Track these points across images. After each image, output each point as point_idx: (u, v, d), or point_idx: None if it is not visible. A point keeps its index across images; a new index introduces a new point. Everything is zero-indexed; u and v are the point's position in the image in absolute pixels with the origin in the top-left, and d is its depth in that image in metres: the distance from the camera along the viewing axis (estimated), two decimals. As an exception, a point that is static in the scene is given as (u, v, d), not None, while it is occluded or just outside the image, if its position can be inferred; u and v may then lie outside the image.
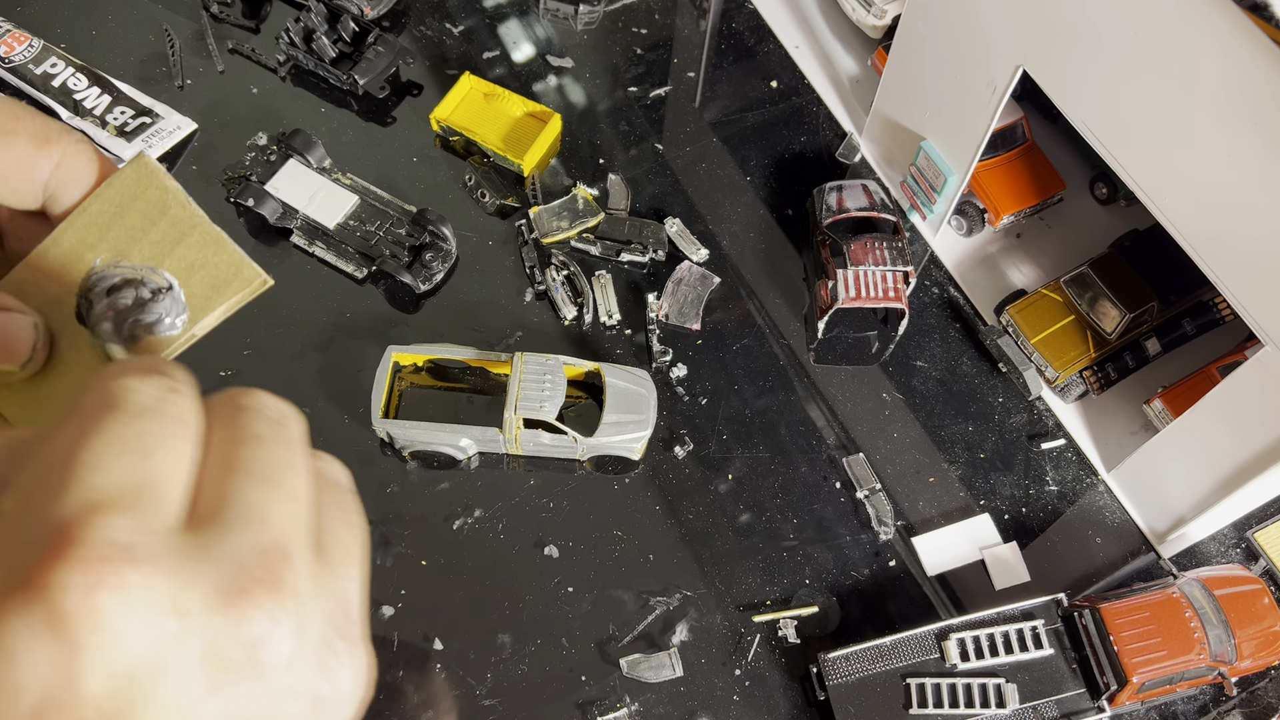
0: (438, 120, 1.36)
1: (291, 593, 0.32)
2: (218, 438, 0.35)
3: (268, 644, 0.31)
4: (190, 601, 0.30)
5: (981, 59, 1.09)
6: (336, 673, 0.34)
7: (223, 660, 0.30)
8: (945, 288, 1.31)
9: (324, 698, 0.33)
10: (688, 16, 1.53)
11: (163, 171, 0.43)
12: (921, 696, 1.01)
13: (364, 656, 0.36)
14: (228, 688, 0.31)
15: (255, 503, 0.33)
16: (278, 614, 0.31)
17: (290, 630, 0.32)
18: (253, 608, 0.31)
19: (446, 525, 1.13)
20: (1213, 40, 0.83)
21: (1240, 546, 1.16)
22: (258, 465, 0.34)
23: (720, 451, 1.19)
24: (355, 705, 0.35)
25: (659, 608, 1.10)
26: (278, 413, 0.37)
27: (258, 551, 0.32)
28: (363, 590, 0.37)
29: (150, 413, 0.33)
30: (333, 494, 0.38)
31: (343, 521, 0.37)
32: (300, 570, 0.33)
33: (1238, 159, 0.86)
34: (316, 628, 0.33)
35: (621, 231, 1.30)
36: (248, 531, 0.32)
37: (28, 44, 1.35)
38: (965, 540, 1.15)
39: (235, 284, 0.42)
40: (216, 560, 0.31)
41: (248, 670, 0.31)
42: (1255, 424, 0.96)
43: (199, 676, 0.30)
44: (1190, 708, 1.07)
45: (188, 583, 0.30)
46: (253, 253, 1.28)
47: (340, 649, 0.34)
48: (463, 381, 1.21)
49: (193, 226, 0.43)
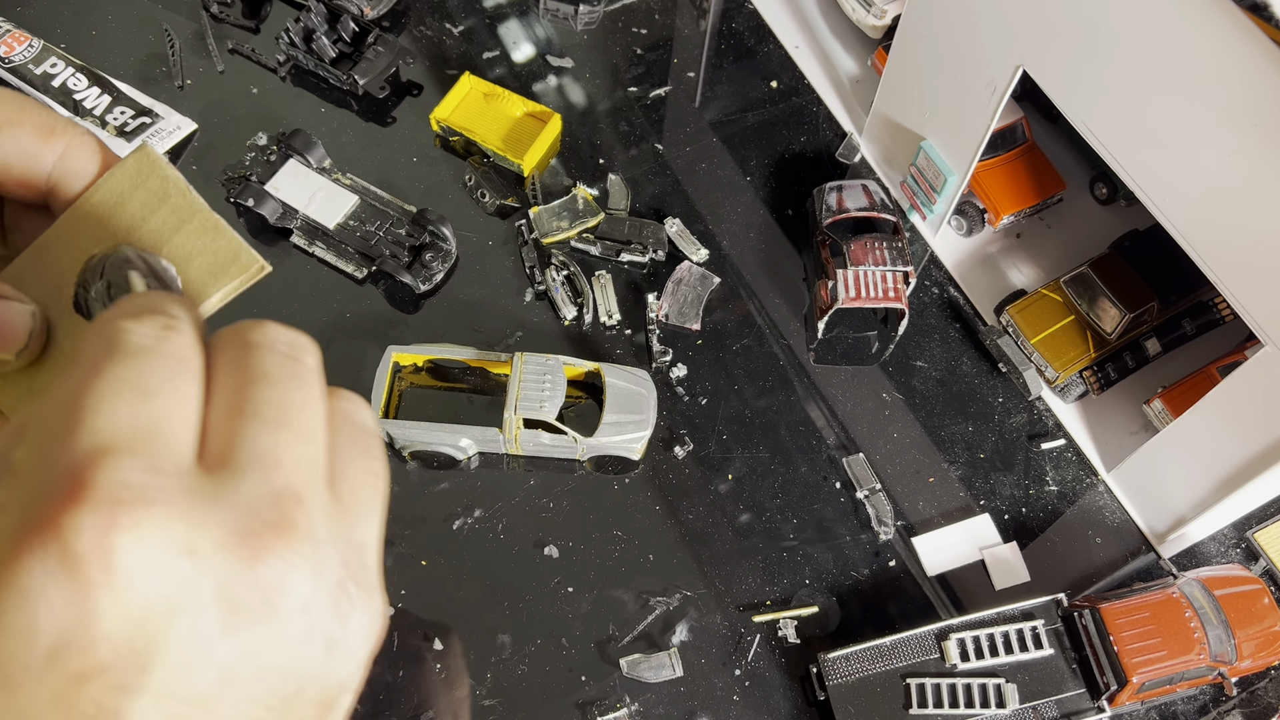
0: (438, 120, 1.36)
1: (305, 536, 0.32)
2: (225, 377, 0.34)
3: (282, 587, 0.31)
4: (203, 543, 0.30)
5: (981, 59, 1.09)
6: (350, 617, 0.34)
7: (236, 602, 0.31)
8: (945, 288, 1.31)
9: (337, 641, 0.34)
10: (688, 16, 1.53)
11: (164, 161, 0.44)
12: (921, 696, 1.01)
13: (378, 601, 0.35)
14: (242, 630, 0.31)
15: (267, 445, 0.33)
16: (291, 558, 0.31)
17: (304, 574, 0.32)
18: (266, 551, 0.31)
19: (446, 525, 1.13)
20: (1213, 40, 0.83)
21: (1240, 546, 1.16)
22: (268, 406, 0.34)
23: (720, 451, 1.19)
24: (367, 650, 0.35)
25: (659, 608, 1.10)
26: (290, 345, 0.36)
27: (271, 495, 0.32)
28: (379, 535, 0.37)
29: (149, 352, 0.33)
30: (352, 434, 0.37)
31: (361, 465, 0.37)
32: (314, 514, 0.33)
33: (1238, 159, 0.86)
34: (331, 571, 0.33)
35: (621, 231, 1.30)
36: (260, 475, 0.32)
37: (28, 44, 1.35)
38: (965, 540, 1.15)
39: (233, 270, 0.42)
40: (229, 503, 0.31)
41: (262, 613, 0.31)
42: (1255, 424, 0.96)
43: (213, 618, 0.30)
44: (1190, 708, 1.07)
45: (200, 524, 0.30)
46: (253, 253, 1.28)
47: (354, 594, 0.34)
48: (463, 381, 1.21)
49: (192, 214, 0.43)
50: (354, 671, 0.35)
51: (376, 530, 0.36)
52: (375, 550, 0.36)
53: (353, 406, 0.38)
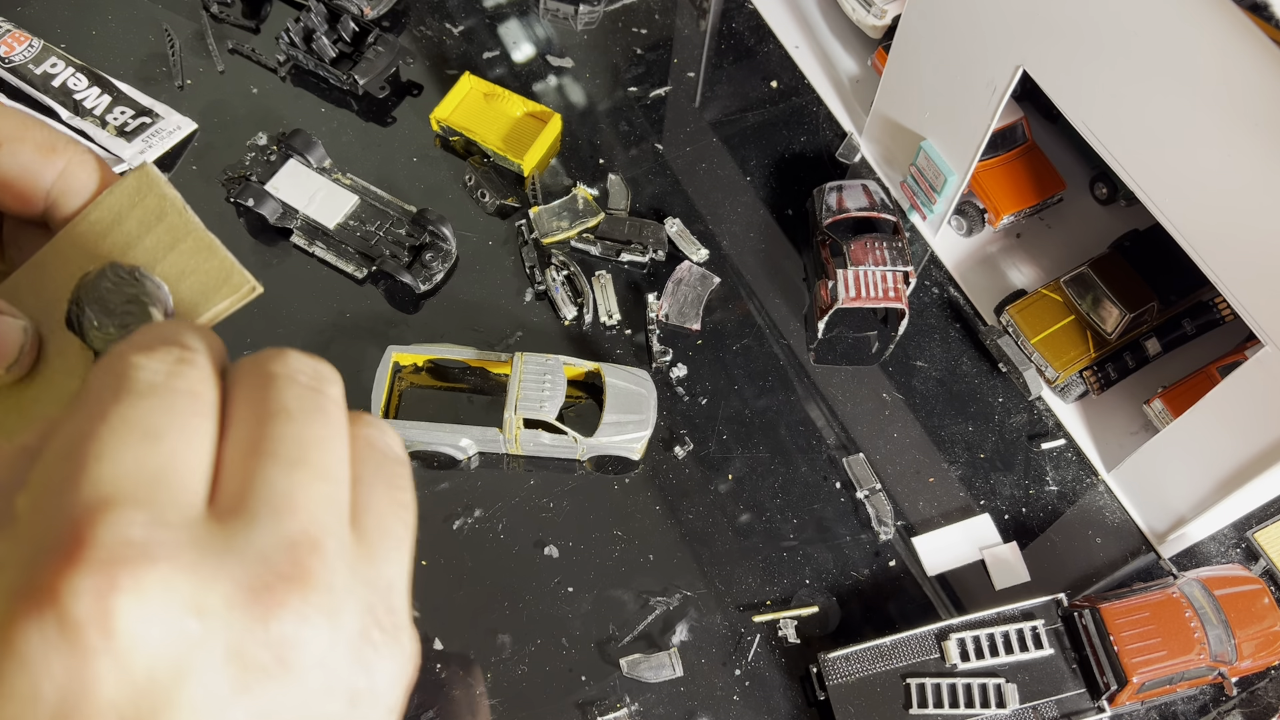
0: (438, 120, 1.36)
1: (322, 588, 0.30)
2: (242, 412, 0.33)
3: (297, 644, 0.30)
4: (212, 600, 0.29)
5: (981, 59, 1.09)
6: (374, 666, 0.32)
7: (249, 661, 0.29)
8: (945, 288, 1.31)
9: (362, 693, 0.32)
10: (688, 16, 1.53)
11: (163, 180, 0.44)
12: (921, 696, 1.01)
13: (406, 646, 0.33)
14: (256, 689, 0.29)
15: (283, 488, 0.31)
16: (307, 612, 0.30)
17: (321, 628, 0.30)
18: (279, 606, 0.29)
19: (446, 525, 1.13)
20: (1213, 40, 0.83)
21: (1240, 546, 1.16)
22: (286, 445, 0.32)
23: (720, 451, 1.19)
24: (397, 696, 0.33)
25: (659, 608, 1.10)
26: (312, 377, 0.34)
27: (285, 544, 0.30)
28: (407, 572, 0.35)
29: (158, 390, 0.31)
30: (378, 466, 0.35)
31: (388, 498, 0.35)
32: (333, 562, 0.31)
33: (1238, 159, 0.86)
34: (352, 621, 0.31)
35: (621, 231, 1.30)
36: (274, 522, 0.30)
37: (28, 44, 1.35)
38: (965, 540, 1.15)
39: (224, 290, 0.42)
40: (240, 554, 0.30)
41: (276, 671, 0.29)
42: (1255, 424, 0.96)
43: (225, 678, 0.29)
44: (1190, 708, 1.07)
45: (209, 580, 0.29)
46: (252, 253, 1.28)
47: (379, 640, 0.32)
48: (463, 381, 1.21)
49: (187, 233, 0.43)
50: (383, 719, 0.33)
51: (404, 568, 0.35)
52: (403, 589, 0.34)
53: (378, 433, 0.36)
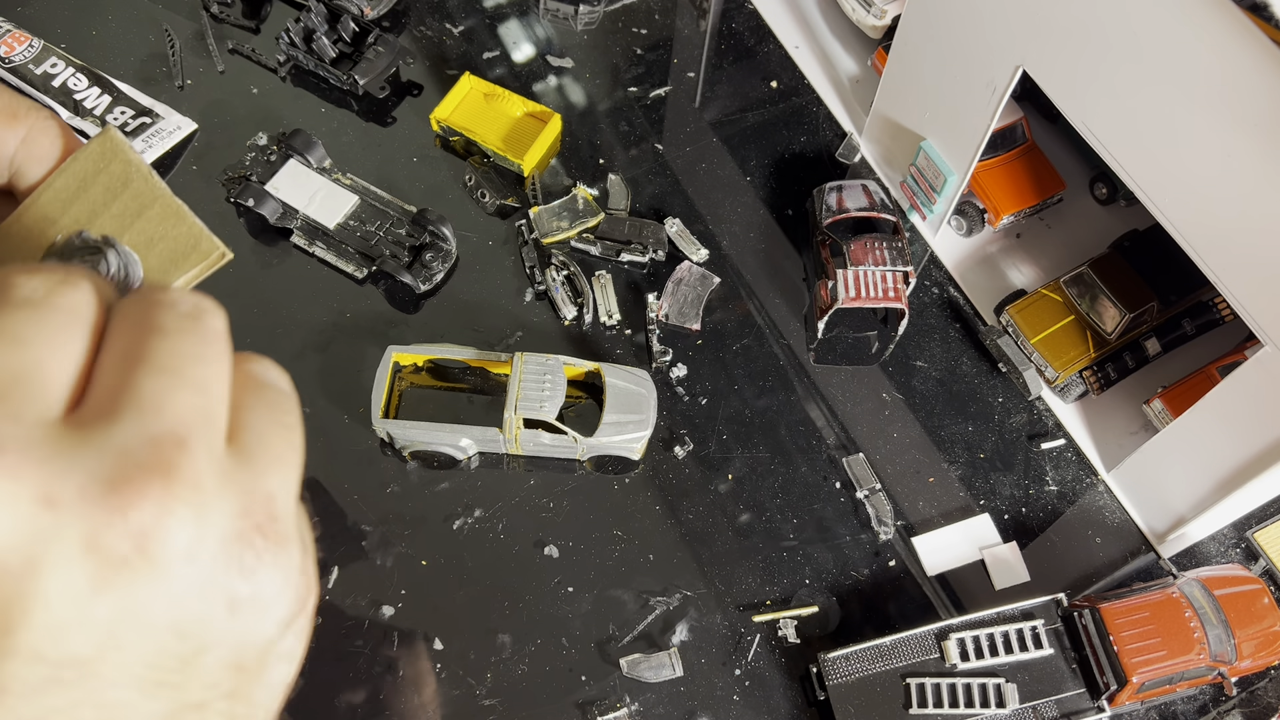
0: (438, 120, 1.36)
1: (188, 481, 0.29)
2: (119, 331, 0.33)
3: (158, 534, 0.29)
4: (64, 491, 0.28)
5: (981, 59, 1.09)
6: (256, 572, 0.31)
7: (108, 553, 0.28)
8: (945, 288, 1.31)
9: (243, 599, 0.31)
10: (688, 16, 1.53)
11: (127, 145, 0.43)
12: (921, 696, 1.01)
13: (295, 557, 0.33)
14: (119, 584, 0.28)
15: (149, 391, 0.31)
16: (169, 502, 0.29)
17: (185, 520, 0.29)
18: (138, 495, 0.28)
19: (446, 525, 1.13)
20: (1213, 40, 0.83)
21: (1240, 546, 1.16)
22: (157, 355, 0.32)
23: (720, 451, 1.19)
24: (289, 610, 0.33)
25: (659, 608, 1.10)
26: (192, 306, 0.34)
27: (148, 438, 0.29)
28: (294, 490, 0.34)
29: (33, 304, 0.31)
30: (262, 393, 0.35)
31: (269, 418, 0.34)
32: (200, 460, 0.30)
33: (1237, 159, 0.86)
34: (225, 520, 0.31)
35: (621, 231, 1.30)
36: (139, 419, 0.30)
37: (28, 44, 1.35)
38: (965, 540, 1.15)
39: (194, 257, 0.42)
40: (99, 450, 0.29)
41: (138, 564, 0.29)
42: (1255, 424, 0.96)
43: (83, 571, 0.28)
44: (1190, 708, 1.07)
45: (61, 472, 0.28)
46: (252, 253, 1.29)
47: (260, 546, 0.31)
48: (463, 381, 1.21)
49: (154, 199, 0.42)
50: (275, 633, 0.33)
51: (290, 484, 0.34)
52: (289, 503, 0.34)
53: (262, 367, 0.36)
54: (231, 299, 0.44)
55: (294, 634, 0.34)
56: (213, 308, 0.34)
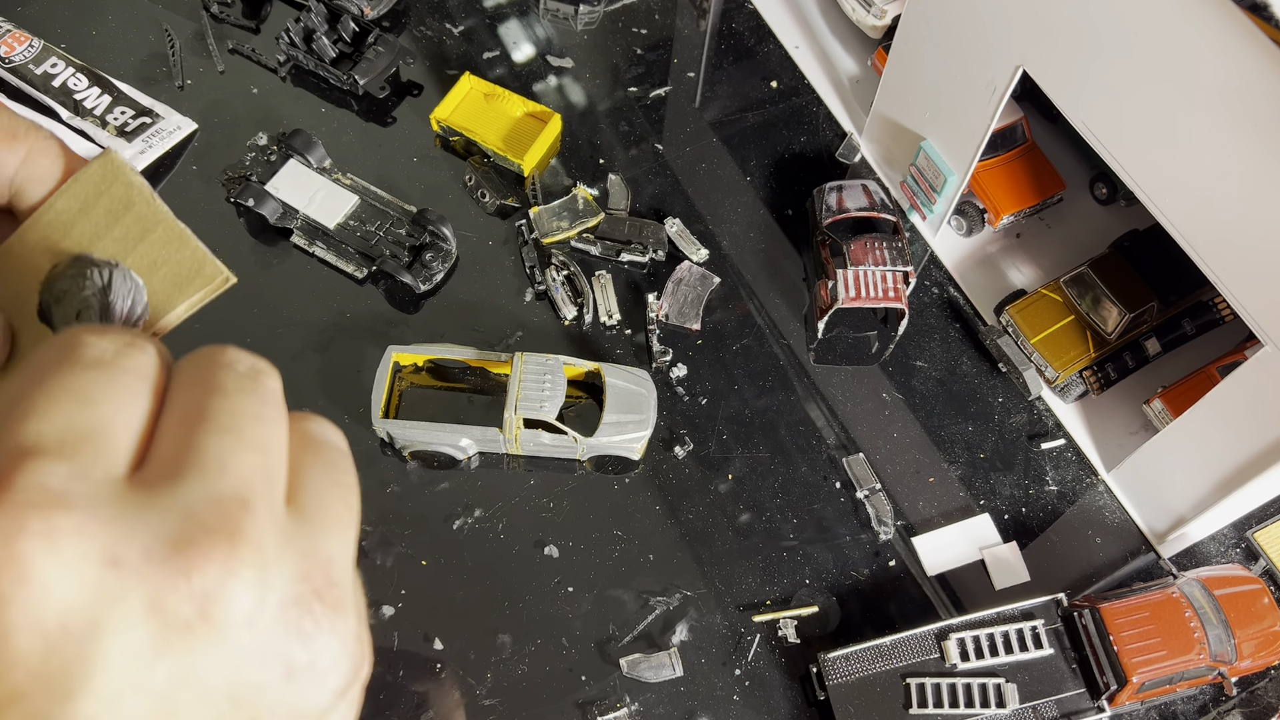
0: (438, 120, 1.36)
1: (251, 544, 0.29)
2: (181, 393, 0.33)
3: (222, 598, 0.28)
4: (130, 552, 0.28)
5: (981, 59, 1.09)
6: (315, 639, 0.31)
7: (171, 616, 0.28)
8: (945, 288, 1.31)
9: (300, 665, 0.30)
10: (688, 16, 1.53)
11: (129, 167, 0.43)
12: (921, 696, 1.01)
13: (352, 624, 0.32)
14: (180, 647, 0.28)
15: (213, 452, 0.30)
16: (232, 565, 0.28)
17: (248, 583, 0.29)
18: (202, 558, 0.28)
19: (446, 525, 1.13)
20: (1213, 40, 0.83)
21: (1240, 546, 1.16)
22: (219, 415, 0.32)
23: (720, 451, 1.19)
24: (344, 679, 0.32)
25: (659, 608, 1.10)
26: (249, 367, 0.34)
27: (212, 500, 0.29)
28: (351, 554, 0.34)
29: (102, 365, 0.31)
30: (318, 453, 0.35)
31: (327, 479, 0.34)
32: (262, 523, 0.30)
33: (1238, 159, 0.86)
34: (286, 586, 0.30)
35: (621, 231, 1.30)
36: (203, 480, 0.30)
37: (28, 44, 1.35)
38: (965, 540, 1.15)
39: (197, 281, 0.42)
40: (164, 510, 0.29)
41: (201, 628, 0.28)
42: (1255, 424, 0.96)
43: (145, 634, 0.27)
44: (1190, 708, 1.07)
45: (128, 533, 0.28)
46: (252, 253, 1.29)
47: (319, 612, 0.31)
48: (463, 381, 1.21)
49: (156, 222, 0.42)
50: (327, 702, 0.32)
51: (346, 547, 0.34)
52: (346, 567, 0.33)
53: (318, 426, 0.36)
54: (231, 299, 0.44)
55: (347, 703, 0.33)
56: (269, 368, 0.35)
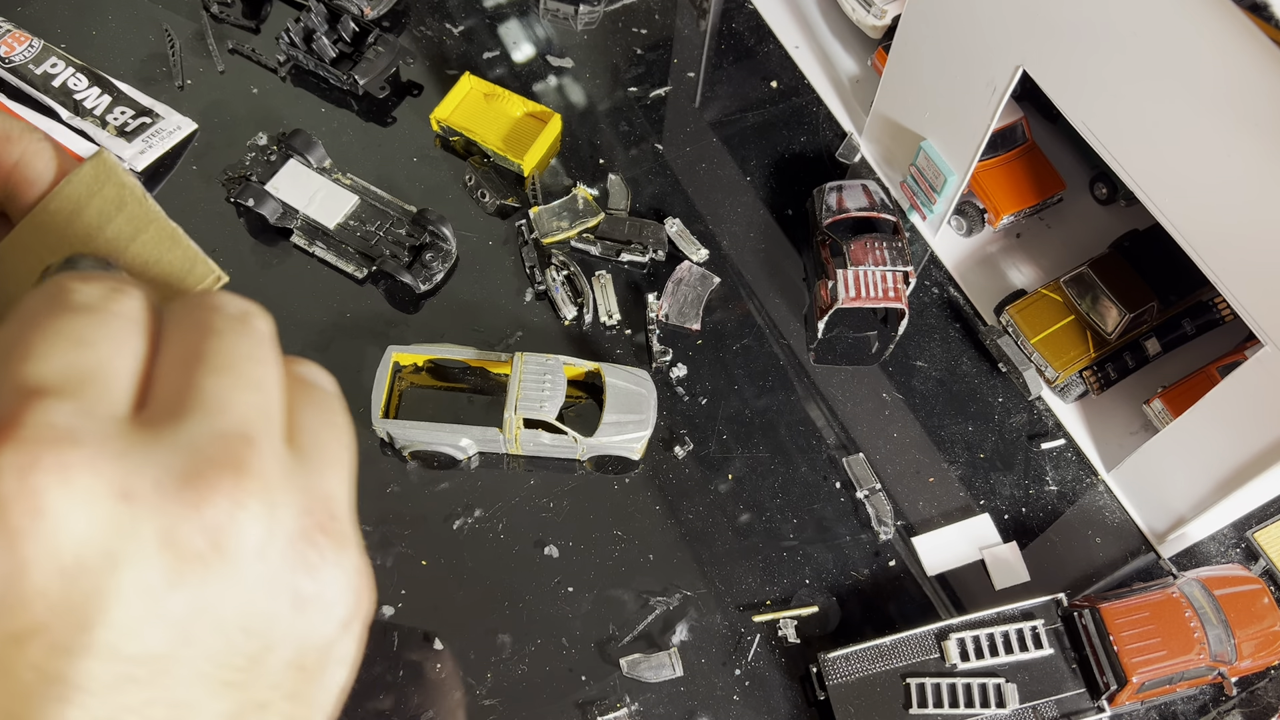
0: (438, 120, 1.36)
1: (257, 476, 0.30)
2: (174, 334, 0.33)
3: (232, 529, 0.29)
4: (141, 486, 0.28)
5: (981, 59, 1.09)
6: (320, 569, 0.31)
7: (183, 548, 0.28)
8: (945, 288, 1.31)
9: (307, 596, 0.31)
10: (688, 16, 1.53)
11: (120, 167, 0.43)
12: (921, 696, 1.01)
13: (354, 557, 0.33)
14: (193, 579, 0.29)
15: (214, 390, 0.31)
16: (242, 498, 0.29)
17: (257, 515, 0.29)
18: (213, 491, 0.29)
19: (446, 525, 1.13)
20: (1213, 40, 0.83)
21: (1240, 546, 1.16)
22: (215, 356, 0.32)
23: (720, 451, 1.19)
24: (349, 610, 0.33)
25: (659, 608, 1.10)
26: (239, 309, 0.34)
27: (218, 436, 0.30)
28: (349, 492, 0.34)
29: (93, 309, 0.31)
30: (311, 394, 0.35)
31: (322, 421, 0.35)
32: (267, 457, 0.30)
33: (1238, 159, 0.86)
34: (291, 518, 0.31)
35: (621, 231, 1.30)
36: (206, 417, 0.30)
37: (28, 44, 1.35)
38: (965, 540, 1.15)
39: (189, 280, 0.42)
40: (171, 445, 0.29)
41: (212, 559, 0.29)
42: (1255, 424, 0.96)
43: (158, 567, 0.28)
44: (1190, 708, 1.07)
45: (138, 467, 0.28)
46: (252, 253, 1.29)
47: (323, 544, 0.31)
48: (463, 381, 1.21)
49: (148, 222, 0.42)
50: (334, 633, 0.33)
51: (345, 484, 0.34)
52: (345, 503, 0.34)
53: (310, 370, 0.36)
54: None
55: (350, 637, 0.34)
56: (259, 310, 0.35)
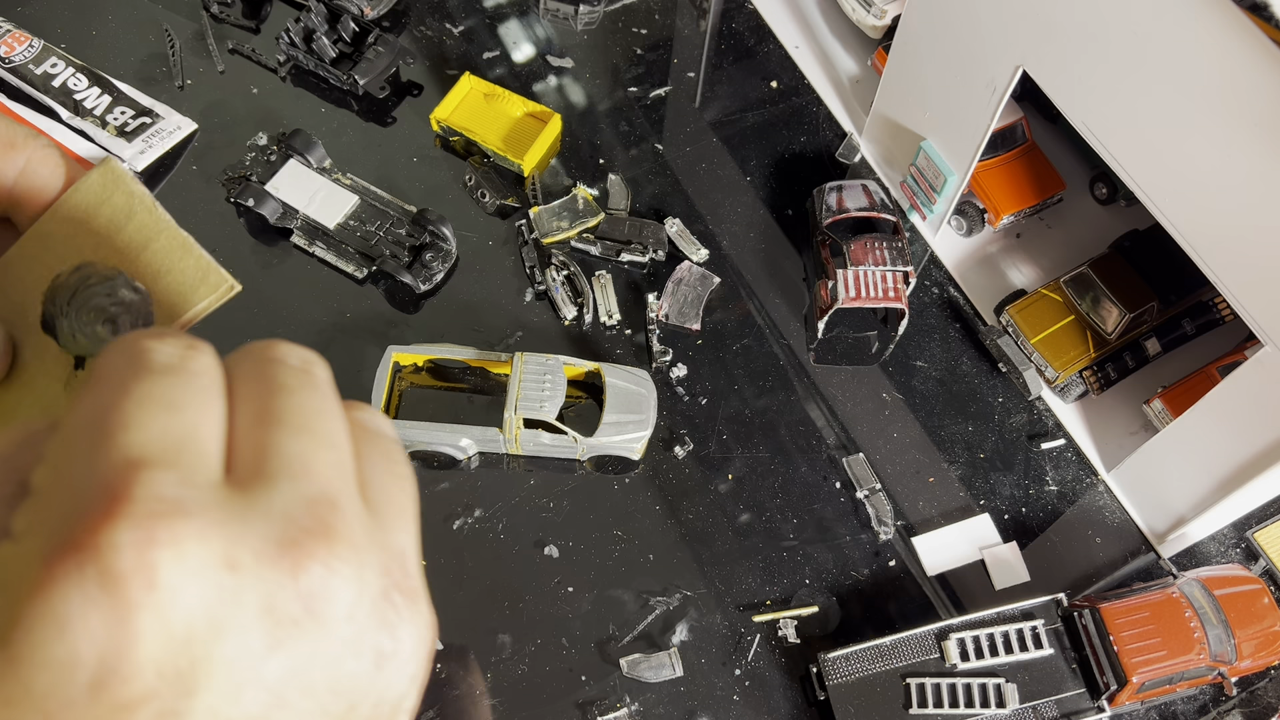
0: (438, 120, 1.36)
1: (346, 542, 0.31)
2: (244, 392, 0.33)
3: (326, 595, 0.30)
4: (243, 555, 0.29)
5: (981, 59, 1.09)
6: (398, 628, 0.32)
7: (281, 614, 0.29)
8: (945, 288, 1.31)
9: (387, 654, 0.32)
10: (688, 16, 1.53)
11: (130, 175, 0.42)
12: (921, 696, 1.01)
13: (425, 612, 0.34)
14: (289, 644, 0.29)
15: (295, 453, 0.32)
16: (333, 564, 0.30)
17: (348, 580, 0.30)
18: (307, 559, 0.30)
19: (446, 525, 1.13)
20: (1213, 40, 0.83)
21: (1240, 546, 1.16)
22: (290, 414, 0.33)
23: (720, 451, 1.19)
24: (420, 665, 0.34)
25: (659, 608, 1.10)
26: (302, 360, 0.35)
27: (305, 501, 0.31)
28: (417, 543, 0.35)
29: (175, 370, 0.32)
30: (374, 443, 0.36)
31: (388, 471, 0.35)
32: (351, 520, 0.32)
33: (1238, 159, 0.86)
34: (374, 579, 0.32)
35: (621, 231, 1.30)
36: (292, 482, 0.31)
37: (28, 44, 1.35)
38: (965, 540, 1.15)
39: (202, 289, 0.41)
40: (264, 513, 0.30)
41: (307, 624, 0.30)
42: (1255, 424, 0.96)
43: (258, 633, 0.29)
44: (1190, 708, 1.07)
45: (238, 536, 0.29)
46: (252, 253, 1.29)
47: (400, 603, 0.33)
48: (463, 381, 1.21)
49: (159, 231, 0.41)
50: (407, 689, 0.33)
51: (413, 537, 0.35)
52: (415, 557, 0.35)
53: (370, 416, 0.37)
54: (232, 299, 0.43)
55: (416, 689, 0.35)
56: (318, 359, 0.36)
